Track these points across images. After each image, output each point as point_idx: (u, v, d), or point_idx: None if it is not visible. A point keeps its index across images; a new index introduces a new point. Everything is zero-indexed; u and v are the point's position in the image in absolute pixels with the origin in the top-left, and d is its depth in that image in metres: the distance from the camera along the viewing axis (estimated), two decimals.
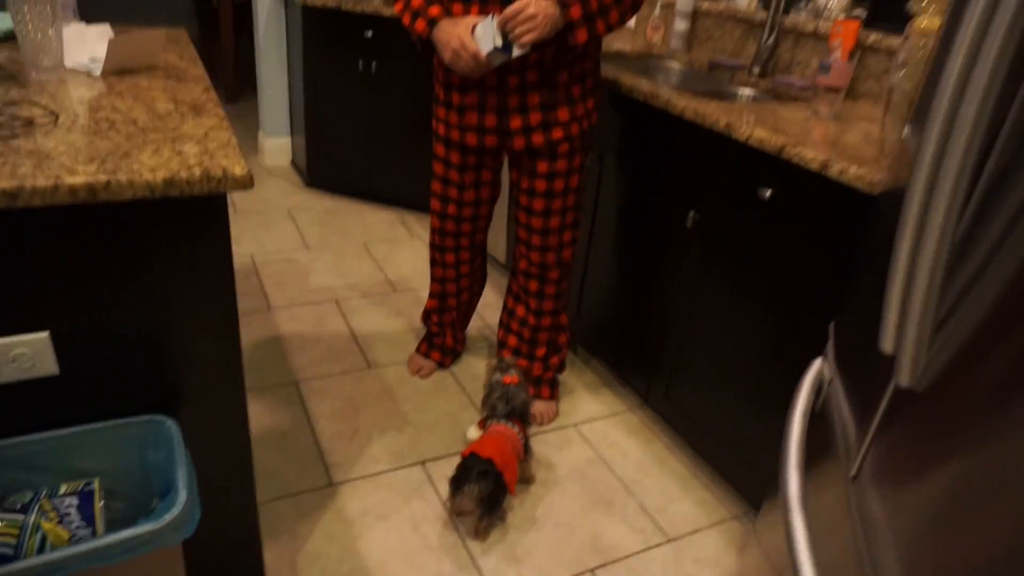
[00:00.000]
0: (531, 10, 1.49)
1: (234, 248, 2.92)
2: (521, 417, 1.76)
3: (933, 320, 0.70)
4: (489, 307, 2.65)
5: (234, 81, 4.89)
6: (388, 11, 2.95)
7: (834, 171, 1.34)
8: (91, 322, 1.01)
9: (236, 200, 3.39)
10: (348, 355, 2.29)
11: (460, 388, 2.19)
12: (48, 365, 1.01)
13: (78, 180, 0.89)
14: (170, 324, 1.06)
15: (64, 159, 0.94)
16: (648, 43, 2.54)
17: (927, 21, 1.56)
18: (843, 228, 1.37)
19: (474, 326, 2.52)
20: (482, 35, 1.53)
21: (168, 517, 0.89)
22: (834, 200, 1.38)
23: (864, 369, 0.98)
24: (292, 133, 3.81)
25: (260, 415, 1.99)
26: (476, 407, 2.10)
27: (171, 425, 1.06)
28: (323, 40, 3.16)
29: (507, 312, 2.10)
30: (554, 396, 2.11)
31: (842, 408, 1.04)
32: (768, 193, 1.50)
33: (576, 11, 1.55)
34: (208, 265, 1.04)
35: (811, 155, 1.38)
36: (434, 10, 1.63)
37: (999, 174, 0.67)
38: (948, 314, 0.71)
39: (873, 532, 0.81)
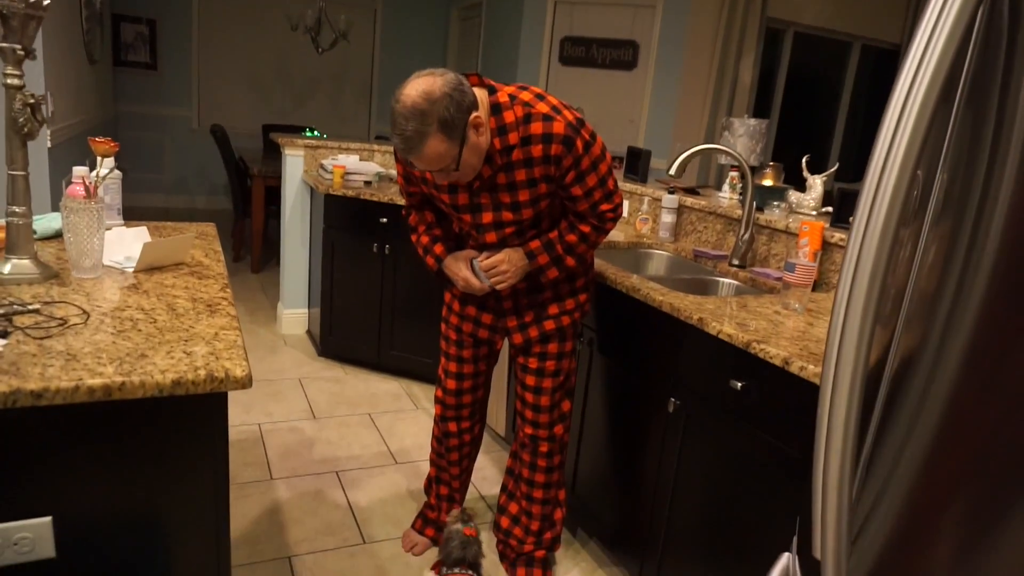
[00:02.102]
0: (503, 266, 1.79)
1: (244, 417, 3.02)
2: (472, 567, 1.89)
3: (848, 535, 0.77)
4: (487, 480, 2.68)
5: (260, 254, 5.22)
6: (402, 200, 3.22)
7: (795, 368, 1.44)
8: (91, 509, 1.09)
9: (251, 370, 3.52)
10: (344, 529, 2.31)
11: None
12: (46, 549, 1.07)
13: (96, 382, 1.00)
14: (164, 513, 1.14)
15: (88, 360, 1.07)
16: (638, 233, 2.75)
17: None
18: (808, 422, 1.44)
19: (472, 499, 2.53)
20: (477, 270, 1.83)
21: None
22: (799, 395, 1.46)
23: (818, 570, 1.02)
24: (309, 305, 4.02)
25: None
26: None
27: None
28: (342, 224, 3.44)
29: (512, 477, 2.15)
30: None
31: None
32: (740, 385, 1.60)
33: (543, 258, 1.81)
34: (205, 458, 1.13)
35: (774, 351, 1.49)
36: (438, 248, 1.92)
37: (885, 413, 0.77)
38: (860, 530, 0.78)
39: None
